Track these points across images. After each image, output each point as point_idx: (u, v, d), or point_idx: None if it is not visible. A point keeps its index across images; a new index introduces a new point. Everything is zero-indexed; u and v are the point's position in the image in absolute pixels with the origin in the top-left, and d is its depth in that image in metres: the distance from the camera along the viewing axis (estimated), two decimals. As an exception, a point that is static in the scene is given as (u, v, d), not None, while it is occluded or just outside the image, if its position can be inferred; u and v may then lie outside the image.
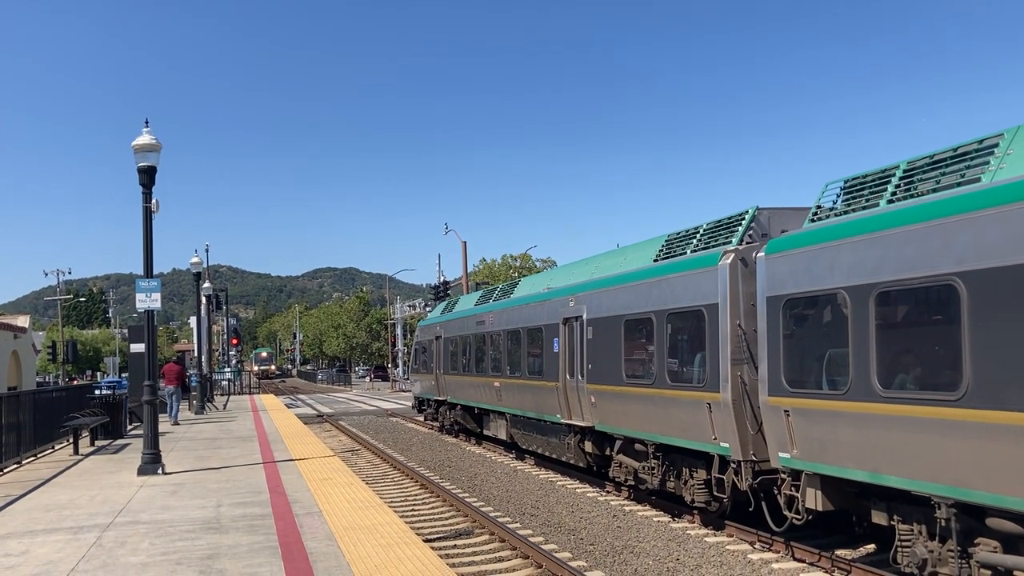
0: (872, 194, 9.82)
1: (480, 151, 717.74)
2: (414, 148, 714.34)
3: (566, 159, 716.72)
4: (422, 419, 34.05)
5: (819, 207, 10.72)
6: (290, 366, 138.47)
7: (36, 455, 18.60)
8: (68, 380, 75.34)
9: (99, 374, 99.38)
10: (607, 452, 16.34)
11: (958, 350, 8.01)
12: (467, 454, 24.11)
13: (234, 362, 70.76)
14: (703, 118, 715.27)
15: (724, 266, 11.99)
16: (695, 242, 13.45)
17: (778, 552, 11.73)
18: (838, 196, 10.49)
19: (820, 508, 10.16)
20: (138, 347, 26.92)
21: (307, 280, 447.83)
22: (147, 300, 15.49)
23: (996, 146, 8.47)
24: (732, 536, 12.80)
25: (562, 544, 12.59)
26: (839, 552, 11.22)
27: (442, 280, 63.24)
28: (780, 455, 10.62)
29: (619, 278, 15.47)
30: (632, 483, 15.53)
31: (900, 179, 9.50)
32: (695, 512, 13.78)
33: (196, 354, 41.90)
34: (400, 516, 11.65)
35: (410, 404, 38.52)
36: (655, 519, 14.13)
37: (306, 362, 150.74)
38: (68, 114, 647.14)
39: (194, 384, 34.42)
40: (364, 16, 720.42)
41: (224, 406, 38.71)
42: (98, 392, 30.15)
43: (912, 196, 9.14)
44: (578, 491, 17.05)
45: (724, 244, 12.45)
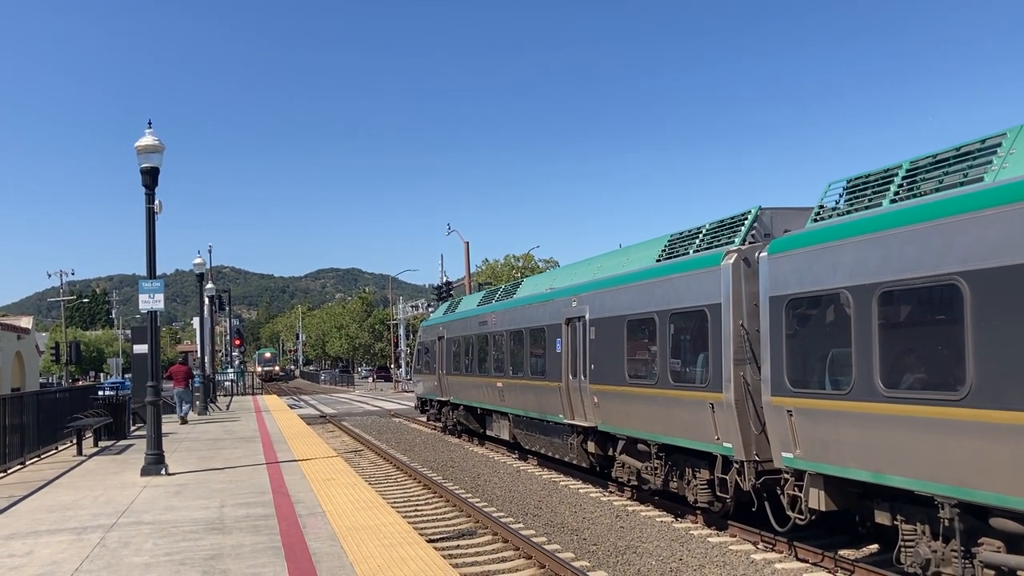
0: (875, 194, 9.81)
1: (483, 151, 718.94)
2: (417, 149, 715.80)
3: (569, 159, 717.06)
4: (425, 419, 34.05)
5: (822, 207, 10.71)
6: (293, 367, 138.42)
7: (40, 456, 18.64)
8: (71, 381, 75.43)
9: (102, 375, 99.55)
10: (610, 452, 16.34)
11: (961, 350, 8.00)
12: (470, 454, 24.12)
13: (237, 363, 70.87)
14: (707, 116, 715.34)
15: (727, 266, 11.98)
16: (698, 242, 13.45)
17: (781, 552, 11.73)
18: (841, 196, 10.49)
19: (823, 508, 10.16)
20: (141, 348, 27.00)
21: (310, 281, 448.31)
22: (150, 301, 15.52)
23: (999, 145, 8.46)
24: (735, 536, 12.80)
25: (565, 544, 12.59)
26: (842, 552, 11.21)
27: (445, 280, 63.21)
28: (783, 455, 10.61)
29: (622, 278, 15.46)
30: (635, 483, 15.53)
31: (903, 179, 9.49)
32: (698, 512, 13.78)
33: (199, 355, 41.93)
34: (403, 516, 11.66)
35: (413, 405, 38.55)
36: (658, 519, 14.13)
37: (309, 363, 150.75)
38: (71, 115, 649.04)
39: (197, 385, 34.46)
40: (366, 16, 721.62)
41: (227, 407, 38.77)
42: (101, 393, 30.19)
43: (915, 196, 9.14)
44: (581, 491, 17.05)
45: (727, 244, 12.44)
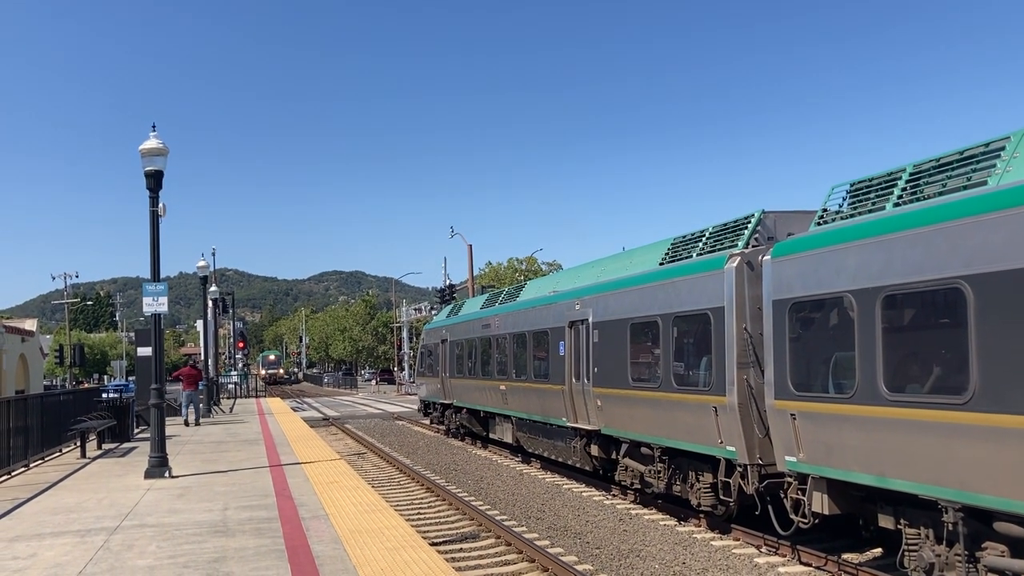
0: (878, 197, 9.81)
1: (485, 153, 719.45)
2: (420, 151, 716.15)
3: (572, 160, 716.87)
4: (428, 422, 34.05)
5: (825, 210, 10.71)
6: (296, 369, 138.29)
7: (43, 458, 18.67)
8: (75, 384, 75.52)
9: (106, 377, 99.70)
10: (613, 456, 16.34)
11: (965, 354, 7.99)
12: (473, 457, 24.12)
13: (240, 365, 70.93)
14: (712, 117, 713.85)
15: (730, 269, 11.98)
16: (701, 245, 13.44)
17: (784, 556, 11.71)
18: (844, 199, 10.48)
19: (826, 512, 10.15)
20: (145, 351, 26.94)
21: (313, 283, 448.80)
22: (154, 304, 15.54)
23: (1002, 149, 8.45)
24: (738, 540, 12.78)
25: (568, 548, 12.59)
26: (846, 556, 11.19)
27: (448, 283, 63.16)
28: (786, 459, 10.60)
29: (625, 281, 15.46)
30: (638, 487, 15.51)
31: (906, 182, 9.49)
32: (701, 516, 13.77)
33: (203, 357, 41.97)
34: (406, 519, 11.66)
35: (416, 407, 38.58)
36: (661, 523, 14.12)
37: (312, 365, 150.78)
38: (74, 117, 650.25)
39: (201, 388, 34.47)
40: (369, 18, 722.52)
41: (230, 409, 38.78)
42: (105, 395, 30.21)
43: (918, 199, 9.13)
44: (584, 495, 17.04)
45: (730, 247, 12.44)
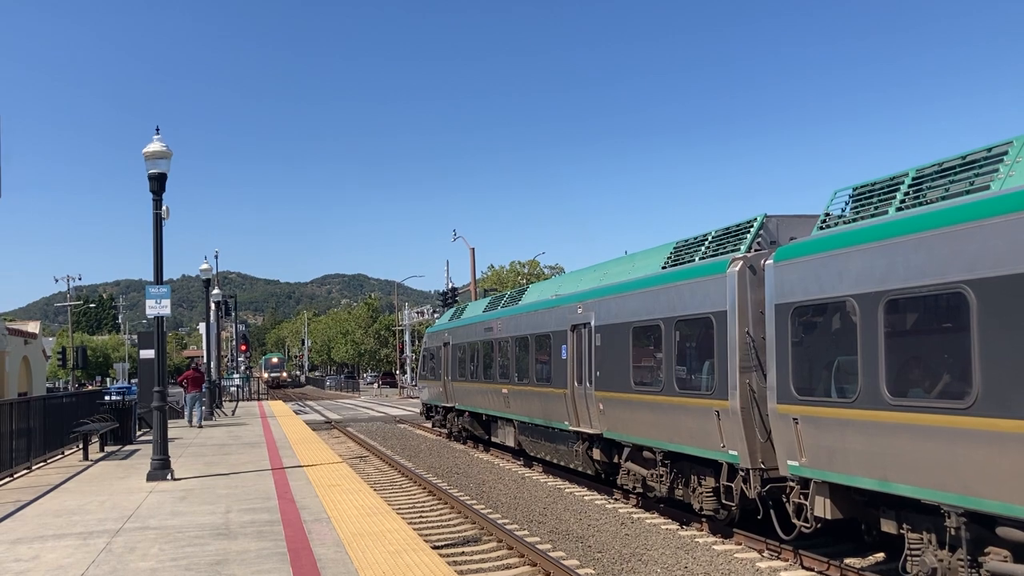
0: (881, 202, 9.81)
1: (488, 156, 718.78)
2: (422, 154, 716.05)
3: (576, 162, 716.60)
4: (430, 426, 34.05)
5: (828, 214, 10.72)
6: (298, 372, 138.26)
7: (46, 460, 18.70)
8: (78, 386, 75.62)
9: (109, 380, 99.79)
10: (615, 459, 16.33)
11: (967, 358, 7.99)
12: (475, 461, 24.11)
13: (243, 368, 70.98)
14: (715, 119, 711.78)
15: (732, 273, 11.98)
16: (703, 249, 13.45)
17: (787, 560, 11.70)
18: (847, 203, 10.49)
19: (829, 516, 10.14)
20: (148, 353, 27.01)
21: (316, 287, 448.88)
22: (157, 306, 15.57)
23: (1005, 154, 8.46)
24: (740, 544, 12.77)
25: (570, 551, 12.58)
26: (848, 561, 11.18)
27: (450, 287, 63.18)
28: (789, 463, 10.59)
29: (627, 285, 15.47)
30: (640, 491, 15.50)
31: (909, 187, 9.49)
32: (703, 520, 13.76)
33: (205, 360, 42.01)
34: (408, 523, 11.67)
35: (418, 411, 38.58)
36: (663, 527, 14.11)
37: (314, 368, 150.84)
38: (78, 120, 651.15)
39: (204, 390, 34.51)
40: (371, 20, 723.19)
41: (233, 412, 38.81)
42: (108, 398, 30.24)
43: (921, 204, 9.14)
44: (586, 498, 17.03)
45: (732, 251, 12.44)
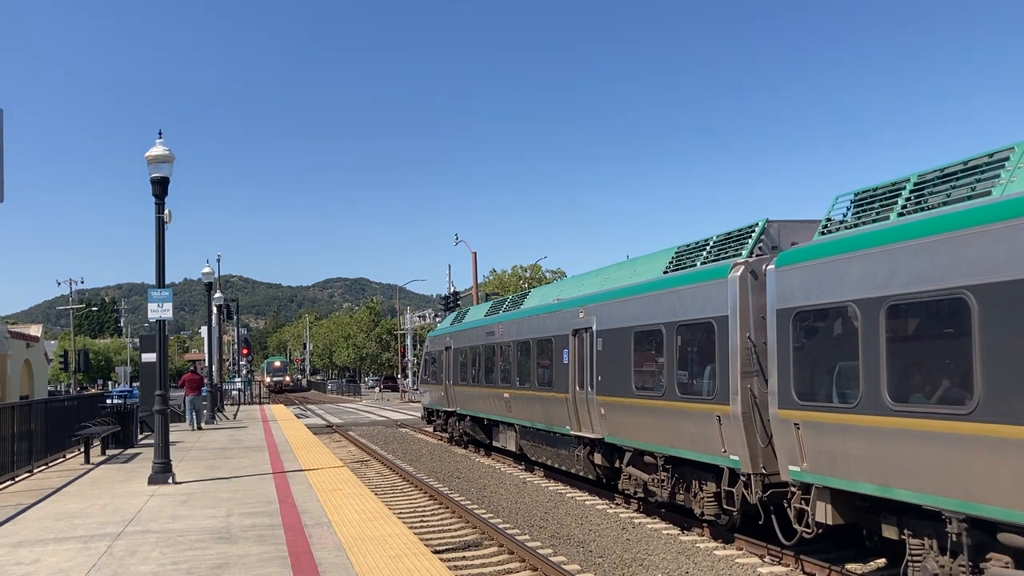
0: (883, 207, 9.82)
1: (490, 159, 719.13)
2: (424, 157, 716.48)
3: (579, 165, 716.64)
4: (431, 430, 34.04)
5: (829, 219, 10.72)
6: (300, 376, 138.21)
7: (47, 464, 18.70)
8: (80, 389, 75.64)
9: (110, 383, 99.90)
10: (616, 464, 16.32)
11: (969, 364, 7.99)
12: (476, 465, 24.10)
13: (244, 372, 71.00)
14: (717, 122, 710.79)
15: (734, 278, 11.99)
16: (705, 254, 13.45)
17: (788, 566, 11.68)
18: (848, 209, 10.49)
19: (830, 522, 10.12)
20: (150, 356, 27.01)
21: (317, 290, 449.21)
22: (159, 310, 15.59)
23: (1007, 159, 8.46)
24: (742, 550, 12.75)
25: (571, 556, 12.57)
26: (849, 566, 11.17)
27: (452, 291, 63.20)
28: (790, 468, 10.58)
29: (629, 290, 15.47)
30: (641, 495, 15.49)
31: (911, 192, 9.50)
32: (704, 525, 13.74)
33: (207, 364, 42.03)
34: (409, 527, 11.67)
35: (419, 415, 38.55)
36: (664, 532, 14.09)
37: (315, 372, 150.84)
38: (80, 122, 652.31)
39: (204, 394, 34.53)
40: (372, 22, 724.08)
41: (234, 416, 38.82)
42: (109, 401, 30.27)
43: (923, 209, 9.14)
44: (587, 503, 17.02)
45: (734, 256, 12.45)
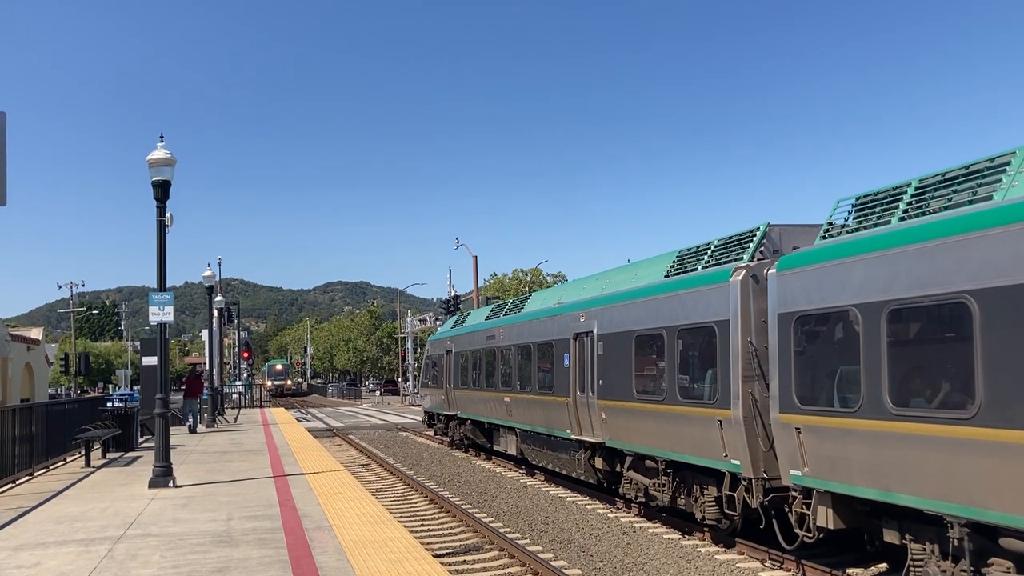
0: (884, 211, 9.82)
1: (491, 162, 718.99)
2: (425, 160, 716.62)
3: (580, 168, 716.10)
4: (432, 434, 34.02)
5: (830, 224, 10.72)
6: (301, 379, 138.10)
7: (48, 467, 18.70)
8: (80, 392, 75.63)
9: (111, 386, 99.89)
10: (617, 468, 16.30)
11: (970, 368, 7.99)
12: (477, 469, 24.08)
13: (245, 375, 71.02)
14: (719, 124, 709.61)
15: (735, 282, 11.99)
16: (706, 258, 13.46)
17: (789, 570, 11.67)
18: (850, 213, 10.50)
19: (831, 526, 10.12)
20: (150, 360, 27.06)
21: (318, 294, 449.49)
22: (160, 313, 15.59)
23: (1008, 164, 8.47)
24: (743, 554, 12.73)
25: (572, 561, 12.55)
26: (851, 571, 11.15)
27: (453, 294, 63.21)
28: (791, 473, 10.58)
29: (630, 294, 15.47)
30: (642, 500, 15.47)
31: (912, 196, 9.50)
32: (706, 529, 13.72)
33: (207, 367, 42.03)
34: (410, 531, 11.65)
35: (420, 419, 38.54)
36: (665, 536, 14.08)
37: (316, 376, 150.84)
38: (82, 124, 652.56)
39: (204, 397, 34.54)
40: (375, 24, 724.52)
41: (235, 419, 38.82)
42: (110, 404, 30.28)
43: (924, 214, 9.15)
44: (588, 507, 17.00)
45: (735, 260, 12.45)
